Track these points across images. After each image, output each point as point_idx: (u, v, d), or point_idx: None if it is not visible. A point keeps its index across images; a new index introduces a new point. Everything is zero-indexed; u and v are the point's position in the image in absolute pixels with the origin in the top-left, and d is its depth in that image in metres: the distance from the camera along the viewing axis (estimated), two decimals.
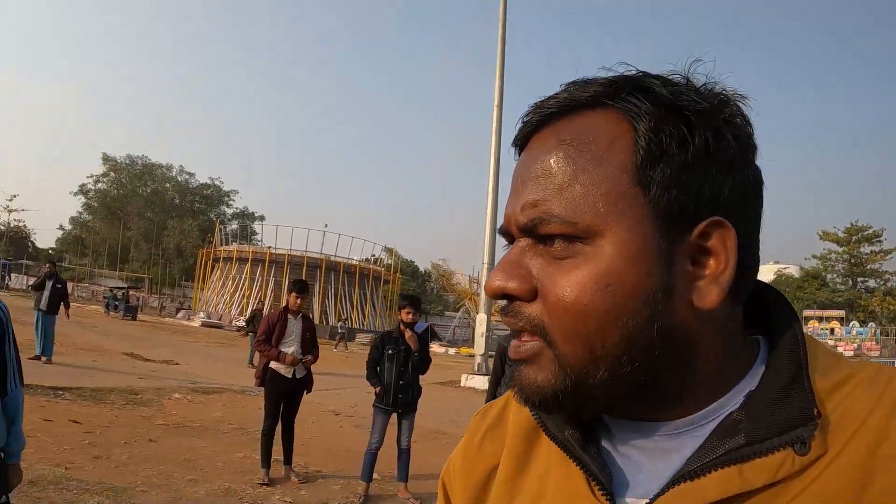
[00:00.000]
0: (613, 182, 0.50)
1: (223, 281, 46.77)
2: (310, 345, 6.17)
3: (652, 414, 0.54)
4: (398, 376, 5.58)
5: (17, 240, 73.30)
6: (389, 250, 64.66)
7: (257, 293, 43.92)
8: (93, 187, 72.75)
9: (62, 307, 12.11)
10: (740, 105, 0.54)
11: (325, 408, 10.58)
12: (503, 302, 0.56)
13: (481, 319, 18.43)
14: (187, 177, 72.90)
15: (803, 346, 0.53)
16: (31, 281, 47.75)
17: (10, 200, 66.13)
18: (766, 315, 0.58)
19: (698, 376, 0.53)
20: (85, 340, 16.89)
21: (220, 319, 39.56)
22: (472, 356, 37.17)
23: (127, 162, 71.34)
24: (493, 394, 5.57)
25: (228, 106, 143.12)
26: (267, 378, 6.03)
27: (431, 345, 39.27)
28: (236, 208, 74.93)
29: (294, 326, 6.08)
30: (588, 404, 0.53)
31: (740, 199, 0.52)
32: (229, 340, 26.68)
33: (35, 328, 11.82)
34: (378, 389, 5.64)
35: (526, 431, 0.62)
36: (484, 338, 18.36)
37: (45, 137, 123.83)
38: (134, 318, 32.59)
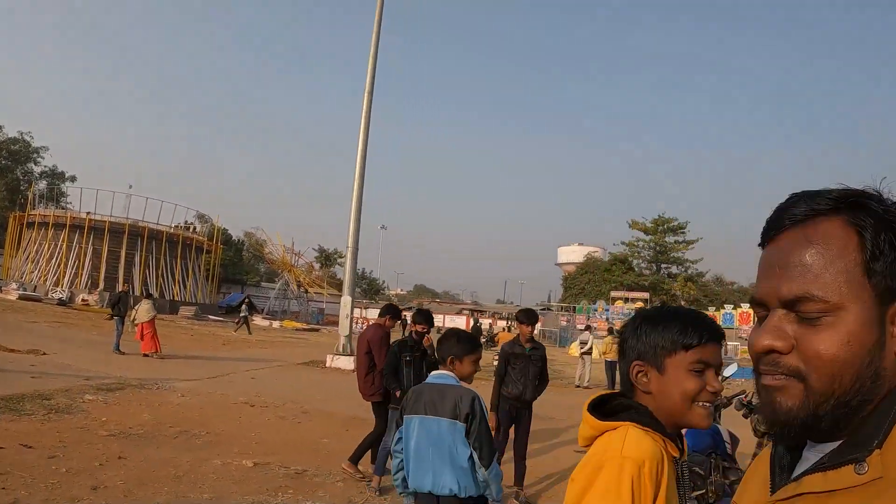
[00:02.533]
0: (851, 273, 0.77)
1: (37, 248, 42.95)
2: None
3: (829, 437, 0.80)
4: (416, 379, 5.87)
5: None
6: (203, 217, 61.42)
7: (74, 262, 41.66)
8: None
9: None
10: None
11: (234, 399, 10.68)
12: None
13: (346, 302, 19.11)
14: None
15: None
16: None
17: None
18: None
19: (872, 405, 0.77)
20: None
21: (34, 291, 37.34)
22: (299, 330, 35.91)
23: None
24: (498, 392, 6.34)
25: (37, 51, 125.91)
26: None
27: (253, 318, 34.52)
28: (45, 167, 67.34)
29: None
30: (814, 427, 0.78)
31: None
32: (69, 319, 25.55)
33: None
34: (398, 392, 6.01)
35: (767, 454, 0.92)
36: (349, 320, 18.97)
37: None
38: None
